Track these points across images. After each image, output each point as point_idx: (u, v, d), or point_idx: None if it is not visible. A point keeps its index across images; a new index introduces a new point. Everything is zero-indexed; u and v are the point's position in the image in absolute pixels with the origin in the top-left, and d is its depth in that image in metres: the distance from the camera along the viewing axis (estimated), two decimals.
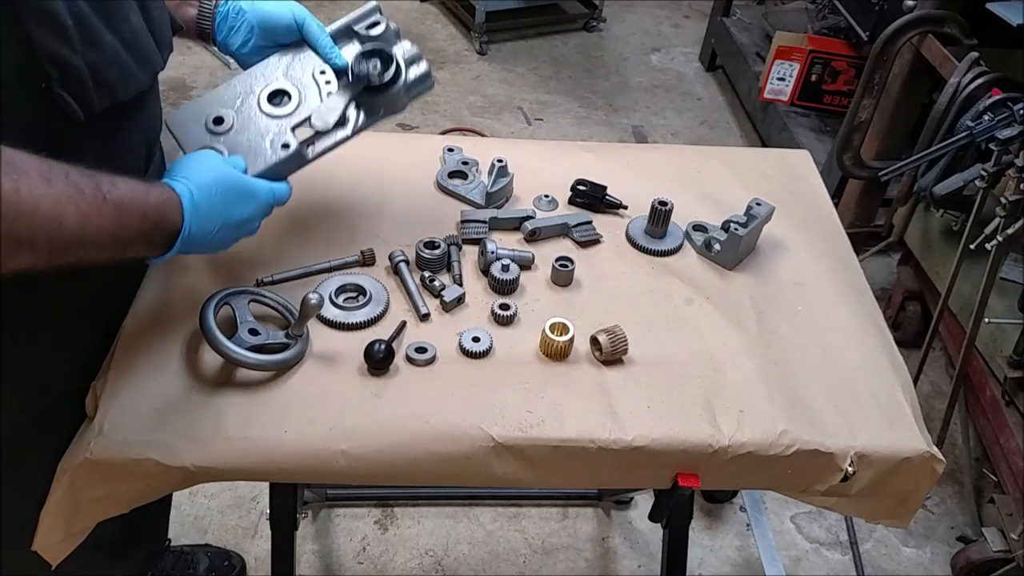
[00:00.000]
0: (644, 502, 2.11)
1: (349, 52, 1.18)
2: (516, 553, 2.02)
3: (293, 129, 1.14)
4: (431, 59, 3.73)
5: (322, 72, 1.18)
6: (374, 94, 1.17)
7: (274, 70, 1.18)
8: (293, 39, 1.19)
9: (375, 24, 1.19)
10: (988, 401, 2.07)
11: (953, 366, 2.20)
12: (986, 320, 1.98)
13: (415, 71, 1.19)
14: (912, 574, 2.08)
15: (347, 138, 1.17)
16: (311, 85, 1.17)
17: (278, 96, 1.17)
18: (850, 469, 1.10)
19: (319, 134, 1.15)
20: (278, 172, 1.12)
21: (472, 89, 3.66)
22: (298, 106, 1.15)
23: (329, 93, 1.16)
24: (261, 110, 1.15)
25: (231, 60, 1.23)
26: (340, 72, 1.18)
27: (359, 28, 1.19)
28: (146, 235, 0.93)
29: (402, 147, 1.54)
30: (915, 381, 1.77)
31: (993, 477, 2.09)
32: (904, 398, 1.19)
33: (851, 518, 2.15)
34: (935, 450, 1.13)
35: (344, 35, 1.20)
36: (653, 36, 4.23)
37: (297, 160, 1.13)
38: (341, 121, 1.16)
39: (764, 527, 2.13)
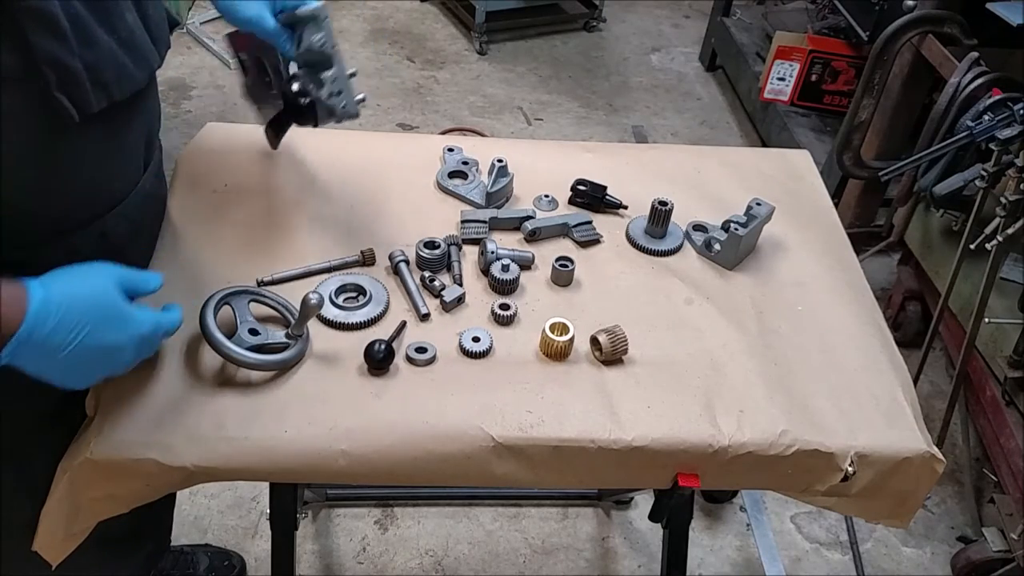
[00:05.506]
0: (644, 502, 2.11)
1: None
2: (516, 553, 2.02)
3: None
4: (430, 59, 3.78)
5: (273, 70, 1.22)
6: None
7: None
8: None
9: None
10: (988, 401, 2.07)
11: (953, 366, 2.20)
12: (986, 320, 1.98)
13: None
14: (912, 574, 2.08)
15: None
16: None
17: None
18: (850, 469, 1.10)
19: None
20: None
21: (472, 89, 3.66)
22: None
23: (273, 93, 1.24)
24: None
25: (232, 61, 1.23)
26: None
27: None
28: None
29: (402, 147, 1.53)
30: (915, 381, 1.77)
31: (993, 477, 2.09)
32: (904, 398, 1.19)
33: (851, 518, 2.15)
34: (935, 450, 1.13)
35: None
36: (653, 36, 4.23)
37: None
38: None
39: (764, 527, 2.13)
